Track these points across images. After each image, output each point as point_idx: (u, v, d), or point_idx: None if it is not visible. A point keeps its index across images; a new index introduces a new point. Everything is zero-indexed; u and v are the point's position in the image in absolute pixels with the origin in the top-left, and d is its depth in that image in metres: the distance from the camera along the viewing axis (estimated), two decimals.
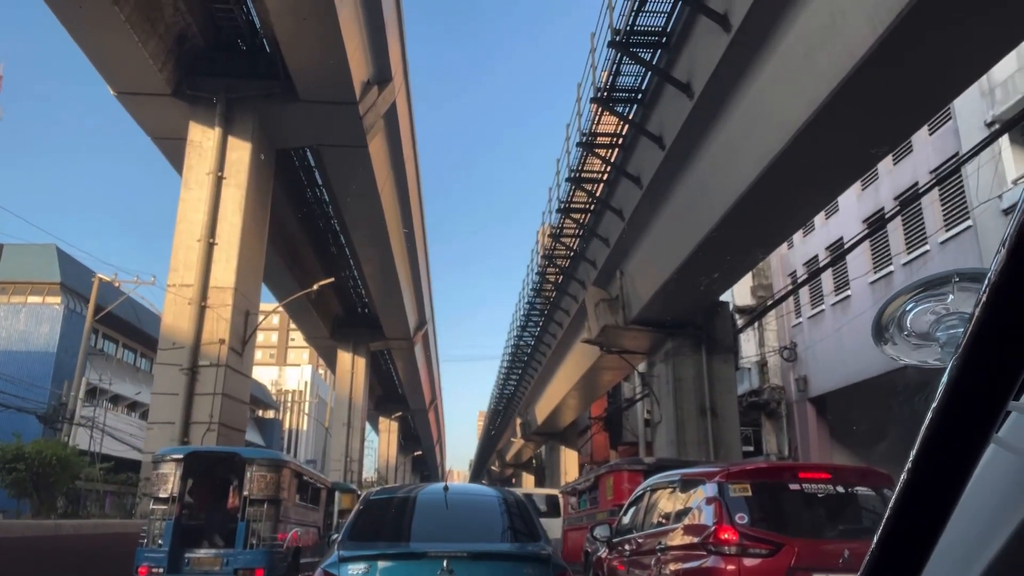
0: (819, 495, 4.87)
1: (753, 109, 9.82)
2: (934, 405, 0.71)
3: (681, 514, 5.55)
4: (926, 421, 0.71)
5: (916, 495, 0.72)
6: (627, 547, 6.91)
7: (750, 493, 4.91)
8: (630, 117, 12.43)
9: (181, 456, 10.20)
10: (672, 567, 5.35)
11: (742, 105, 10.00)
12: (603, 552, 7.81)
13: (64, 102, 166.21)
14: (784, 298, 21.29)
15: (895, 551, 0.74)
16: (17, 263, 37.18)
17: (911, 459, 0.71)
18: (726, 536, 4.71)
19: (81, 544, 10.30)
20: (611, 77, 11.61)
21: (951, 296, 0.96)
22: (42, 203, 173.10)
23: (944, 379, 0.70)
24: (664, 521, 5.94)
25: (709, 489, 5.09)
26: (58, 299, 39.24)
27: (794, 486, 4.92)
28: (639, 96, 12.09)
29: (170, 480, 9.98)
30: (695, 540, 5.04)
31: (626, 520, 7.27)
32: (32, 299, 39.38)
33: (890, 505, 0.73)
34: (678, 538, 5.42)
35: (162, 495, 9.93)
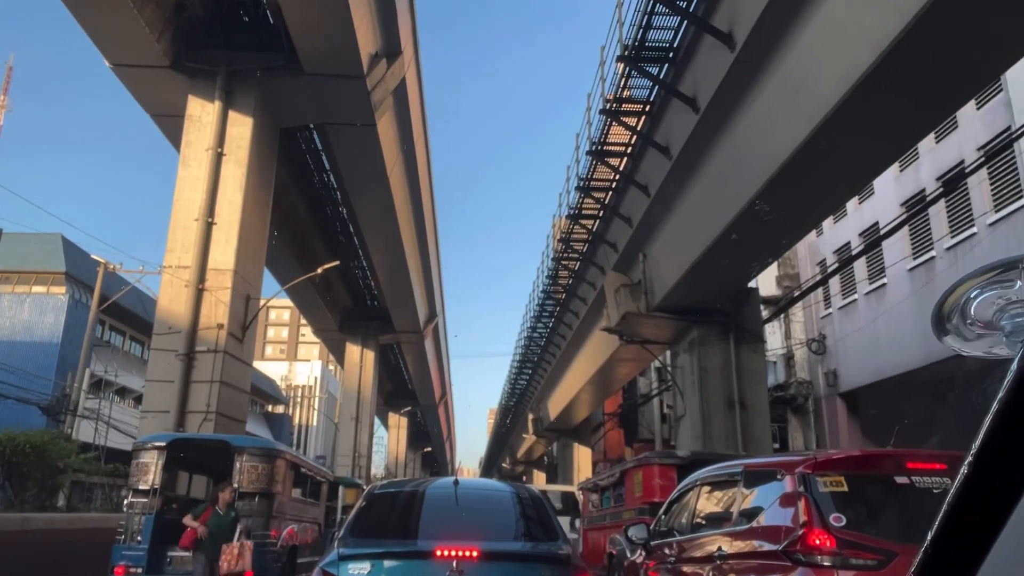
0: (934, 490, 3.80)
1: (805, 58, 8.72)
2: (1000, 396, 0.68)
3: (748, 514, 4.49)
4: (991, 412, 0.69)
5: (978, 488, 0.69)
6: (668, 551, 5.87)
7: (845, 488, 3.85)
8: (660, 77, 11.32)
9: (164, 444, 9.23)
10: None
11: (792, 54, 8.90)
12: (637, 556, 6.76)
13: (74, 93, 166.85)
14: (814, 287, 20.11)
15: (952, 546, 0.71)
16: (22, 252, 36.50)
17: (973, 452, 0.69)
18: (819, 542, 3.65)
19: (53, 540, 9.35)
20: (640, 31, 10.52)
21: (1019, 283, 0.91)
22: (50, 195, 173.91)
23: (1012, 368, 0.68)
24: (722, 522, 4.88)
25: (789, 483, 4.03)
26: (63, 289, 38.59)
27: (901, 479, 3.85)
28: (671, 54, 10.99)
29: (151, 470, 9.02)
30: (772, 547, 3.98)
31: (667, 520, 6.21)
32: (36, 289, 38.76)
33: (948, 499, 0.70)
34: (745, 543, 4.37)
35: (142, 487, 8.97)
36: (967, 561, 0.68)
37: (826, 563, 3.63)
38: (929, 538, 0.72)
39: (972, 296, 0.95)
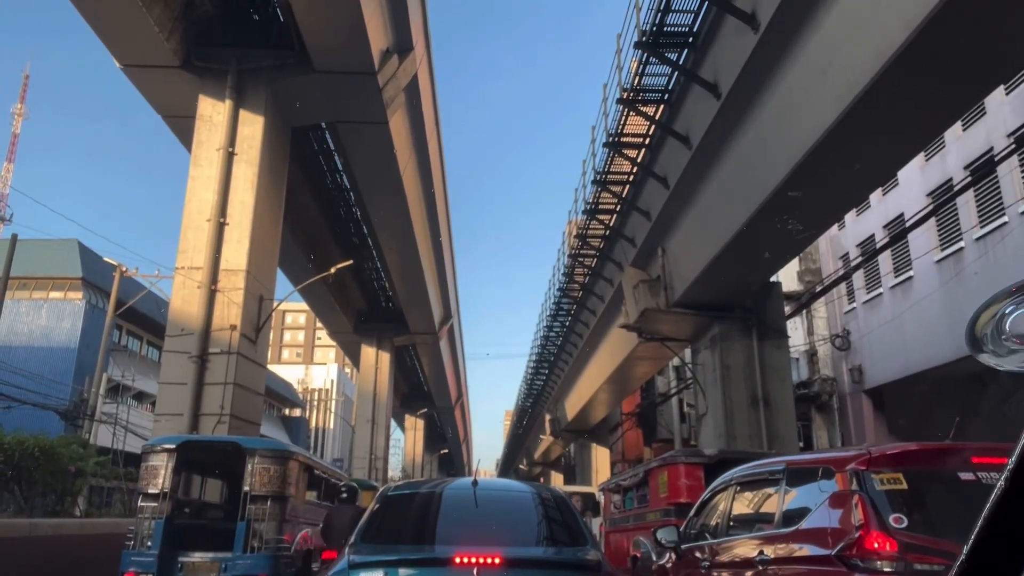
0: None
1: (834, 37, 8.33)
2: None
3: (792, 516, 4.14)
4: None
5: (1014, 504, 0.69)
6: (701, 555, 5.51)
7: (904, 486, 3.49)
8: (680, 63, 10.96)
9: (173, 446, 8.98)
10: None
11: (820, 32, 8.51)
12: (666, 561, 6.41)
13: (88, 98, 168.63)
14: (837, 282, 19.61)
15: (991, 555, 0.71)
16: (39, 258, 36.68)
17: (1009, 468, 0.69)
18: (878, 545, 3.30)
19: (62, 547, 9.12)
20: (659, 15, 10.17)
21: None
22: (66, 201, 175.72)
23: None
24: (762, 525, 4.53)
25: (840, 481, 3.68)
26: (80, 294, 38.73)
27: (966, 475, 3.49)
28: (691, 39, 10.63)
29: (161, 473, 8.77)
30: (822, 551, 3.63)
31: (698, 522, 5.86)
32: (54, 294, 38.94)
33: (987, 507, 0.70)
34: (790, 547, 4.01)
35: (152, 491, 8.72)
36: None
37: (887, 568, 3.27)
38: (967, 548, 0.71)
39: (1007, 312, 0.95)
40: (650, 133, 13.37)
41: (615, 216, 17.25)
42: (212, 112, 17.23)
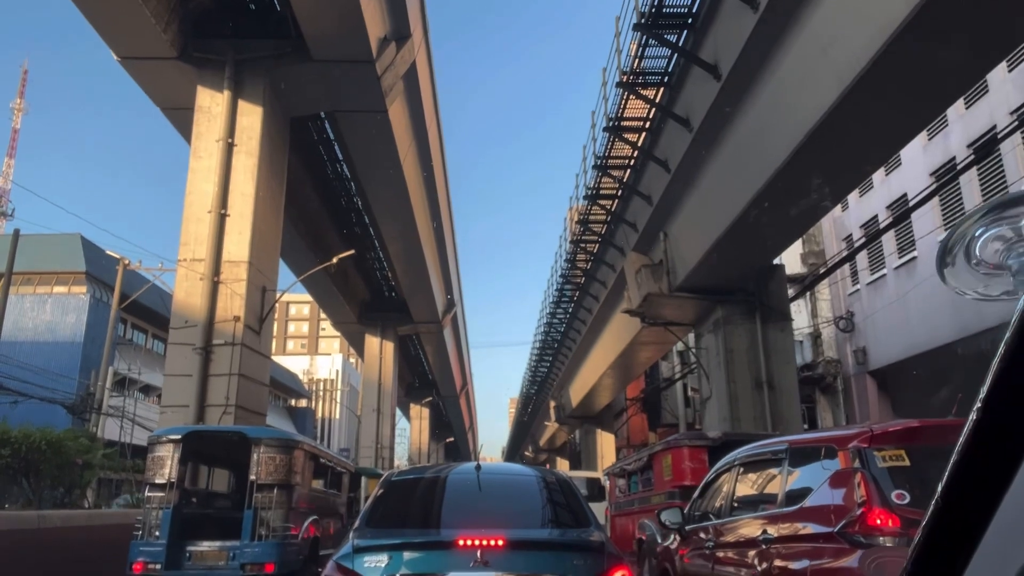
0: None
1: (834, 14, 8.26)
2: (1005, 340, 0.63)
3: (795, 495, 4.14)
4: (998, 357, 0.64)
5: (979, 449, 0.65)
6: (705, 536, 5.53)
7: (907, 463, 3.49)
8: (679, 45, 10.88)
9: (179, 436, 9.03)
10: (787, 565, 3.95)
11: (820, 10, 8.44)
12: (671, 542, 6.43)
13: (87, 94, 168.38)
14: (841, 263, 19.54)
15: (947, 527, 0.68)
16: (42, 253, 36.73)
17: (976, 408, 0.64)
18: (880, 521, 3.30)
19: (69, 538, 9.19)
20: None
21: None
22: (68, 195, 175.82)
23: (1018, 308, 0.63)
24: (765, 504, 4.53)
25: (844, 459, 3.68)
26: (84, 288, 38.84)
27: None
28: (690, 19, 10.55)
29: (167, 464, 8.82)
30: (825, 529, 3.64)
31: (702, 504, 5.87)
32: (58, 289, 39.05)
33: (944, 477, 0.67)
34: (793, 526, 4.02)
35: (159, 481, 8.77)
36: (971, 530, 0.64)
37: (889, 544, 3.27)
38: (931, 508, 0.68)
39: (977, 234, 0.89)
40: (650, 116, 13.31)
41: (616, 201, 17.20)
42: (211, 103, 17.16)
